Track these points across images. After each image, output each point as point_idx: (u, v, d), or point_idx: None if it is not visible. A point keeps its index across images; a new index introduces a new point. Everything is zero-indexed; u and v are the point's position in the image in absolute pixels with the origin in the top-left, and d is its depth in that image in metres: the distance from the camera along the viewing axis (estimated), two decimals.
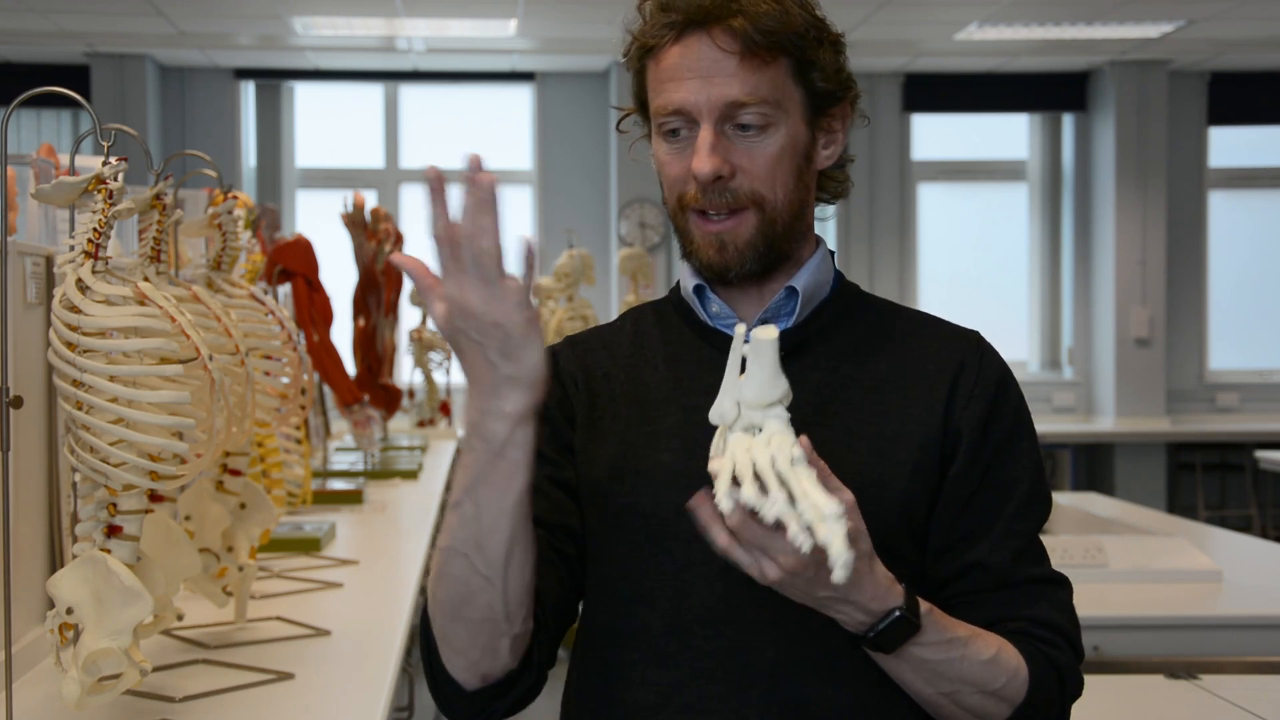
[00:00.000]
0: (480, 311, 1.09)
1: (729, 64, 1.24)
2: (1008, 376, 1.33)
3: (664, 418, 1.31)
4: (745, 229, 1.27)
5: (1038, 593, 1.28)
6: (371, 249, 4.32)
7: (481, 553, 1.15)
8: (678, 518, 1.24)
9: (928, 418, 1.28)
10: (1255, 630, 2.61)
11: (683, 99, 1.25)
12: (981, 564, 1.27)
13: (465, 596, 1.17)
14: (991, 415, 1.30)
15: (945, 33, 6.96)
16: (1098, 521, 3.62)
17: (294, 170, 7.88)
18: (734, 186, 1.26)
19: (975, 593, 1.28)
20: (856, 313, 1.36)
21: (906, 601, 1.14)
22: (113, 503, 1.40)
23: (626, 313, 1.46)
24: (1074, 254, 8.00)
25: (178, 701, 1.64)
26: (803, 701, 1.23)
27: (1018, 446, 1.31)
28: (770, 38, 1.24)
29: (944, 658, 1.17)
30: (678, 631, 1.25)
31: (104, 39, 7.01)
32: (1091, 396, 7.98)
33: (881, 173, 7.92)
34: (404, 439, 5.07)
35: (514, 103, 8.01)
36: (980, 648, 1.20)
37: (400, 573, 2.58)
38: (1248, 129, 8.12)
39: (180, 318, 1.42)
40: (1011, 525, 1.29)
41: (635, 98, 1.35)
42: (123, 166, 1.43)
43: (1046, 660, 1.24)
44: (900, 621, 1.14)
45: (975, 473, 1.29)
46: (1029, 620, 1.26)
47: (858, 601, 1.12)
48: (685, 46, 1.26)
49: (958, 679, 1.18)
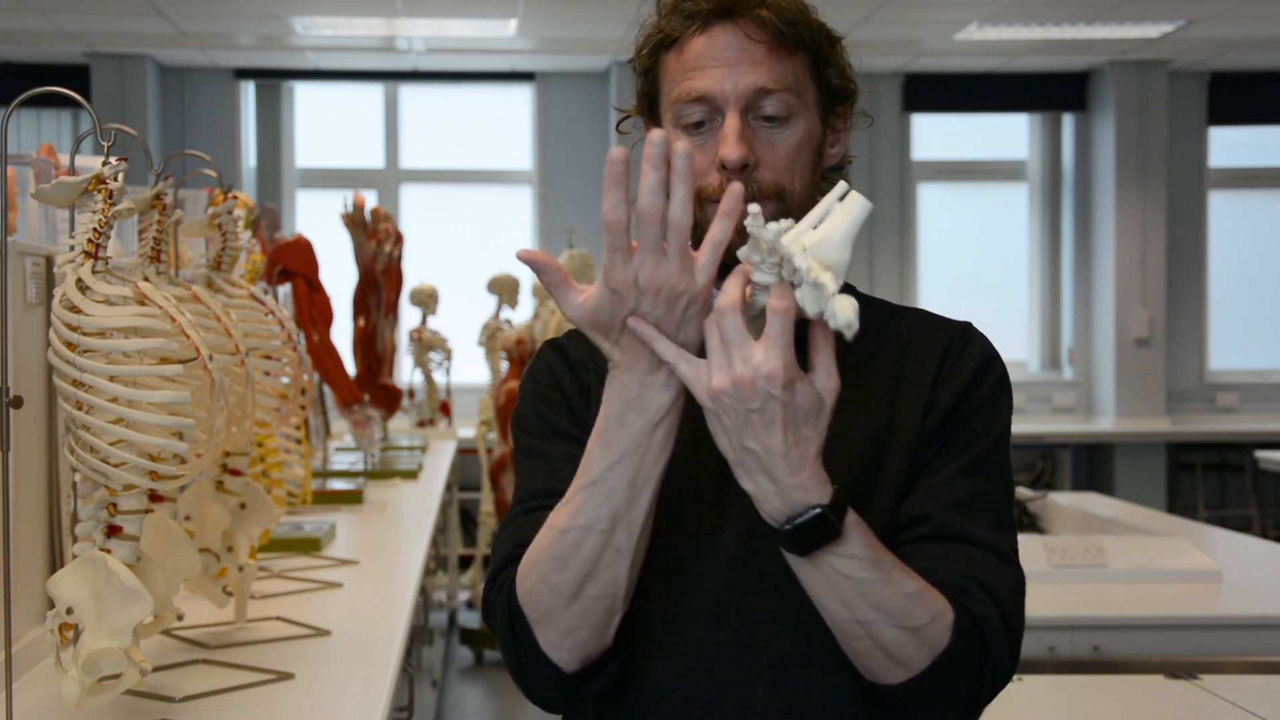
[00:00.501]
0: (670, 284, 1.07)
1: (757, 52, 1.25)
2: (993, 361, 1.32)
3: None
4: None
5: (979, 557, 1.22)
6: (371, 249, 4.32)
7: (623, 526, 1.15)
8: (682, 510, 1.24)
9: (918, 403, 1.29)
10: (1255, 630, 2.61)
11: (708, 86, 1.25)
12: (924, 514, 1.24)
13: (592, 574, 1.16)
14: (968, 387, 1.29)
15: (945, 33, 6.96)
16: (1098, 521, 3.62)
17: (294, 170, 7.88)
18: (757, 177, 1.26)
19: (912, 541, 1.23)
20: None
21: (832, 501, 1.09)
22: (113, 503, 1.40)
23: None
24: (1074, 254, 8.00)
25: (178, 701, 1.64)
26: (808, 692, 1.23)
27: (989, 420, 1.29)
28: (794, 30, 1.26)
29: (864, 577, 1.11)
30: (681, 623, 1.25)
31: (104, 39, 7.01)
32: (1091, 396, 7.98)
33: (881, 173, 7.92)
34: (404, 439, 5.07)
35: (514, 103, 8.01)
36: (905, 579, 1.13)
37: (400, 573, 2.58)
38: (1248, 129, 8.12)
39: (180, 318, 1.42)
40: (958, 479, 1.25)
41: (643, 96, 1.34)
42: (123, 166, 1.43)
43: (968, 614, 1.17)
44: (819, 520, 1.08)
45: (942, 435, 1.28)
46: (958, 575, 1.19)
47: (779, 479, 1.07)
48: (711, 36, 1.26)
49: (876, 607, 1.12)
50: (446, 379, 5.64)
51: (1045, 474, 7.60)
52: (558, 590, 1.18)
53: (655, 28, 1.31)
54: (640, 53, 1.33)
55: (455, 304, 6.55)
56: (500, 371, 5.40)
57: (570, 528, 1.16)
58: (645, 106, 1.35)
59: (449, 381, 5.67)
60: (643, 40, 1.33)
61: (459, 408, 6.25)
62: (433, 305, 5.51)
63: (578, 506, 1.16)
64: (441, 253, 7.63)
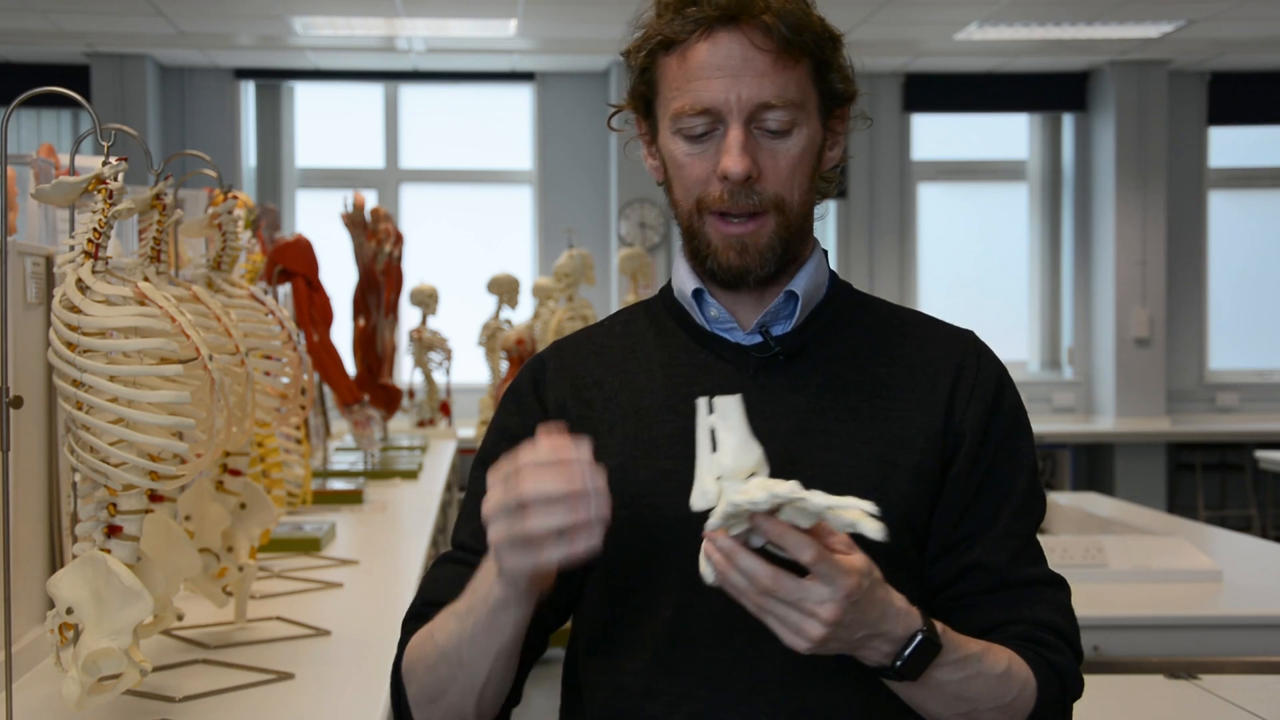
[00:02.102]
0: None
1: (761, 62, 1.23)
2: (1005, 377, 1.34)
3: (662, 425, 1.29)
4: (765, 232, 1.27)
5: (1037, 594, 1.28)
6: (371, 249, 4.32)
7: (466, 669, 1.21)
8: (680, 527, 1.23)
9: (928, 421, 1.28)
10: (1255, 630, 2.61)
11: (712, 98, 1.23)
12: (980, 564, 1.27)
13: (441, 691, 1.24)
14: (992, 417, 1.30)
15: (945, 33, 6.96)
16: (1098, 521, 3.62)
17: (294, 170, 7.88)
18: (759, 189, 1.25)
19: (974, 594, 1.27)
20: (854, 314, 1.36)
21: (925, 622, 1.14)
22: (113, 503, 1.40)
23: (616, 314, 1.44)
24: (1074, 254, 8.00)
25: (178, 701, 1.64)
26: (811, 708, 1.22)
27: (1017, 447, 1.31)
28: (799, 36, 1.24)
29: (961, 676, 1.17)
30: (685, 641, 1.25)
31: (104, 39, 7.01)
32: (1091, 396, 7.97)
33: (881, 173, 7.92)
34: (404, 439, 5.07)
35: (514, 103, 8.01)
36: (992, 662, 1.20)
37: (400, 573, 2.58)
38: (1248, 129, 8.12)
39: (180, 318, 1.42)
40: (1010, 525, 1.29)
41: (637, 94, 1.32)
42: (123, 166, 1.43)
43: (1050, 666, 1.24)
44: (925, 644, 1.13)
45: (976, 474, 1.29)
46: (1030, 623, 1.26)
47: (887, 632, 1.12)
48: (715, 43, 1.24)
49: (974, 697, 1.19)
50: (446, 379, 5.64)
51: (1045, 474, 7.60)
52: (421, 691, 1.26)
53: (655, 28, 1.28)
54: (638, 51, 1.30)
55: (455, 304, 6.55)
56: (500, 371, 5.40)
57: (435, 646, 1.23)
58: (640, 105, 1.33)
59: (449, 381, 5.67)
60: (641, 39, 1.30)
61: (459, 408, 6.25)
62: (433, 305, 5.51)
63: (444, 629, 1.23)
64: (441, 253, 7.63)
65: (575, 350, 1.39)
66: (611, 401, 1.33)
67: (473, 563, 1.23)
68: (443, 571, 1.33)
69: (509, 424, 1.36)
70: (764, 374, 1.31)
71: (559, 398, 1.34)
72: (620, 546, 1.27)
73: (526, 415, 1.35)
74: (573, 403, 1.34)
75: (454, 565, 1.32)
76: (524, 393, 1.37)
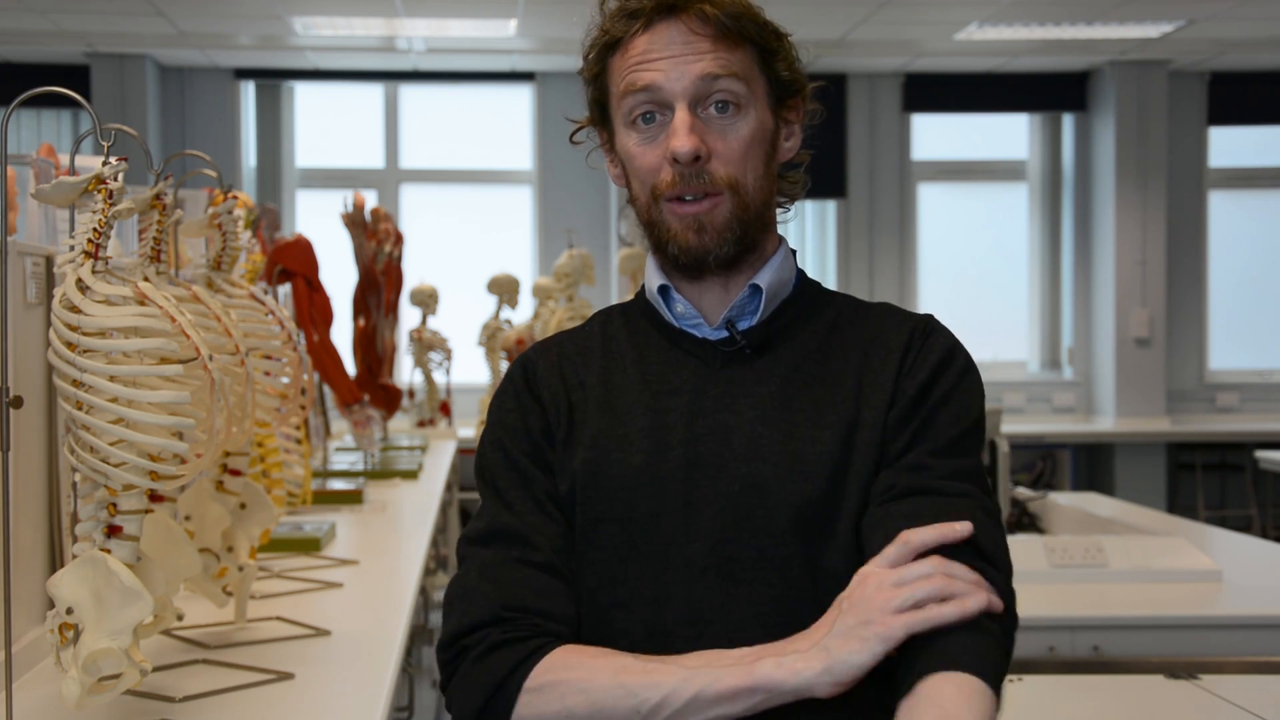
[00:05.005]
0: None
1: (702, 44, 1.26)
2: (956, 350, 1.32)
3: (634, 420, 1.31)
4: (721, 212, 1.28)
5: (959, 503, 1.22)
6: (371, 249, 4.32)
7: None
8: (652, 520, 1.23)
9: (881, 397, 1.29)
10: (1255, 630, 2.61)
11: (653, 78, 1.27)
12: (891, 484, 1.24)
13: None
14: (934, 377, 1.29)
15: (945, 33, 6.96)
16: (1098, 521, 3.62)
17: (294, 170, 7.88)
18: (710, 169, 1.27)
19: (880, 504, 1.24)
20: (818, 309, 1.37)
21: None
22: (113, 503, 1.40)
23: (595, 315, 1.46)
24: (1074, 254, 8.00)
25: (178, 701, 1.64)
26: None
27: (962, 404, 1.29)
28: (739, 23, 1.27)
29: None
30: (659, 634, 1.25)
31: (104, 39, 7.01)
32: (1091, 396, 7.97)
33: (881, 173, 7.92)
34: (404, 439, 5.07)
35: (514, 103, 8.00)
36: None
37: (400, 573, 2.58)
38: (1248, 129, 8.12)
39: (180, 318, 1.42)
40: (928, 459, 1.25)
41: (594, 103, 1.36)
42: (123, 166, 1.43)
43: (992, 642, 1.16)
44: None
45: (910, 424, 1.27)
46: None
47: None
48: (654, 33, 1.28)
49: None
50: (446, 379, 5.63)
51: (1045, 474, 7.60)
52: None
53: (600, 30, 1.33)
54: (587, 59, 1.35)
55: (455, 304, 6.55)
56: (500, 371, 5.40)
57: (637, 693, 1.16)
58: (597, 114, 1.37)
59: (449, 381, 5.66)
60: (588, 47, 1.34)
61: (459, 408, 6.24)
62: (433, 305, 5.51)
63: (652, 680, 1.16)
64: (441, 253, 7.63)
65: (559, 350, 1.41)
66: (590, 399, 1.35)
67: (530, 558, 1.24)
68: (504, 571, 1.28)
69: (511, 420, 1.36)
70: (730, 367, 1.32)
71: (552, 394, 1.36)
72: (593, 541, 1.28)
73: (527, 411, 1.36)
74: (563, 400, 1.35)
75: (512, 565, 1.28)
76: (519, 389, 1.38)
